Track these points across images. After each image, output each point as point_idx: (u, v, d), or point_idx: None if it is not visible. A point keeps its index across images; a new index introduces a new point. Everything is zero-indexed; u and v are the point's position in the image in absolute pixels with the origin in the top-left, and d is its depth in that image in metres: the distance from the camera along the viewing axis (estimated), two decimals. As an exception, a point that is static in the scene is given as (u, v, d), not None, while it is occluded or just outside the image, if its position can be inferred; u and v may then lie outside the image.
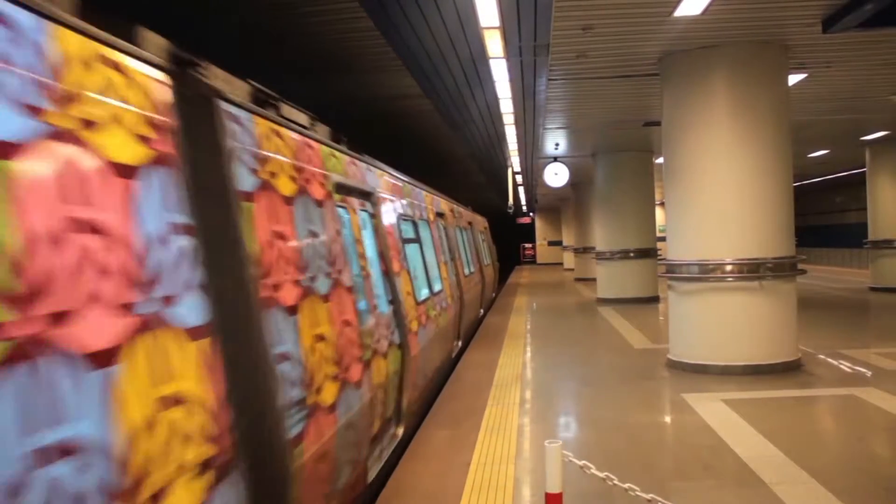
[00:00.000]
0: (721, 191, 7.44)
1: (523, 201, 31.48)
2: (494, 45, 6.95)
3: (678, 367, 7.86)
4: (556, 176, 16.30)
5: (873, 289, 16.33)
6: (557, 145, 14.83)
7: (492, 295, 17.96)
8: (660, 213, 18.33)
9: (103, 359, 1.75)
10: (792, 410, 6.17)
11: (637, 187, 15.80)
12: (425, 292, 7.02)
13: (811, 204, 29.15)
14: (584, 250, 23.62)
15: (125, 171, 2.00)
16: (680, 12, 6.32)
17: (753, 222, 7.38)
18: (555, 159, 16.14)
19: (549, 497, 3.09)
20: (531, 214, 41.77)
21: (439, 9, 6.59)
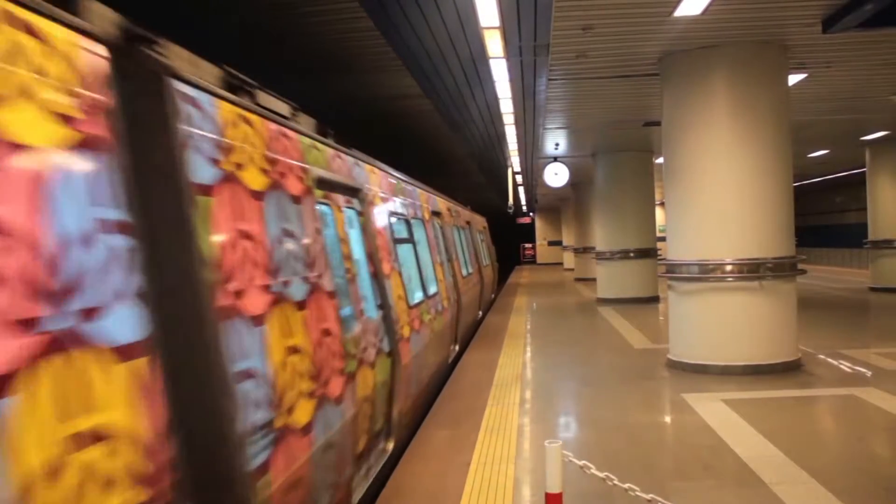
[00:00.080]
0: (721, 191, 7.44)
1: (523, 201, 31.48)
2: (494, 45, 6.95)
3: (678, 367, 7.86)
4: (556, 176, 16.31)
5: (873, 289, 16.34)
6: (557, 145, 14.83)
7: (491, 296, 17.68)
8: (660, 213, 18.33)
9: None
10: (792, 410, 6.17)
11: (637, 187, 15.80)
12: (419, 295, 6.66)
13: (811, 204, 29.14)
14: (584, 250, 23.62)
15: (34, 155, 1.69)
16: (680, 12, 6.32)
17: (753, 222, 7.38)
18: (555, 159, 16.15)
19: (549, 497, 3.09)
20: (531, 214, 41.77)
21: (439, 9, 6.59)
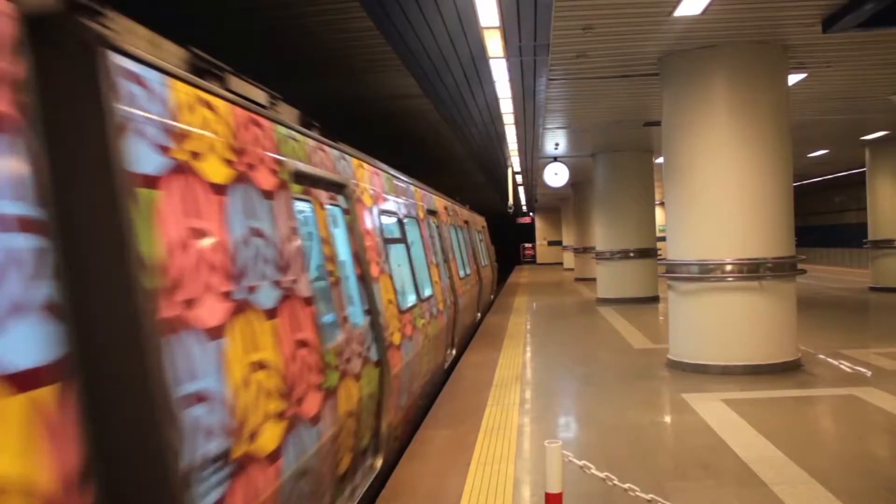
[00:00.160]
0: (721, 191, 7.44)
1: (523, 201, 31.49)
2: (494, 44, 6.95)
3: (678, 367, 7.86)
4: (556, 176, 16.32)
5: (873, 289, 16.34)
6: (557, 145, 14.83)
7: (490, 297, 17.43)
8: (660, 213, 18.33)
9: None
10: (792, 410, 6.17)
11: (637, 187, 15.79)
12: (412, 299, 6.31)
13: (811, 204, 29.15)
14: (584, 250, 23.62)
15: None
16: (680, 12, 6.32)
17: (753, 222, 7.38)
18: (555, 159, 16.15)
19: (549, 497, 3.09)
20: (531, 214, 41.78)
21: (439, 9, 6.60)
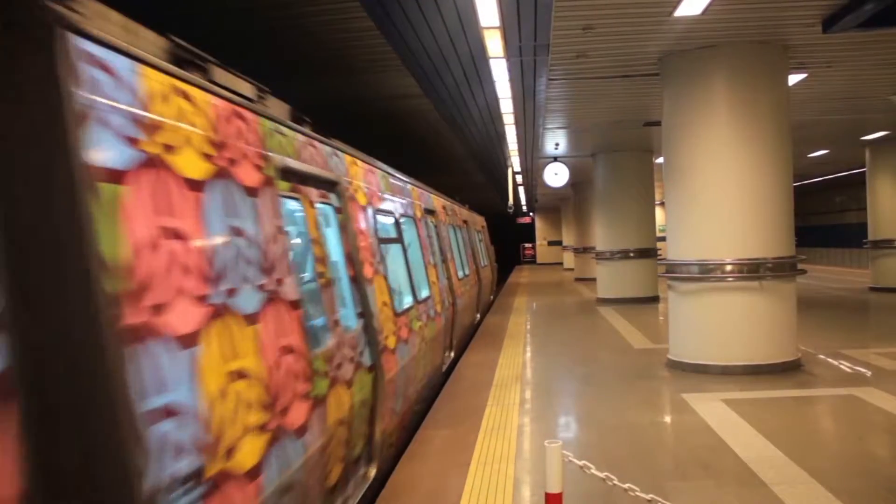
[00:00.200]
0: (721, 191, 7.44)
1: (523, 201, 31.49)
2: (494, 44, 6.95)
3: (678, 367, 7.86)
4: (556, 176, 16.32)
5: (873, 289, 16.34)
6: (557, 145, 14.83)
7: (489, 298, 17.25)
8: (660, 213, 18.33)
9: None
10: (792, 410, 6.17)
11: (637, 187, 15.80)
12: (408, 301, 6.13)
13: (811, 204, 29.15)
14: (584, 250, 23.62)
15: None
16: (680, 12, 6.32)
17: (753, 222, 7.38)
18: (555, 159, 16.16)
19: (549, 497, 3.08)
20: (531, 214, 41.79)
21: (439, 8, 6.60)
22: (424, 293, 7.03)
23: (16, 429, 1.55)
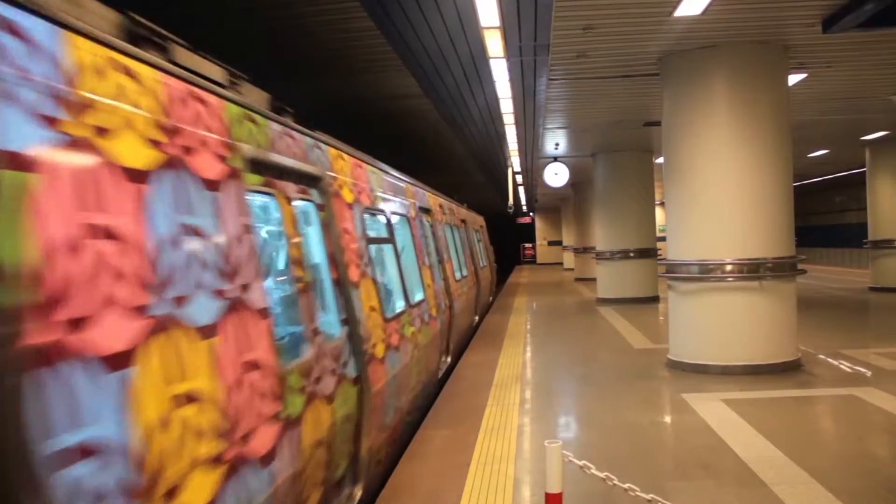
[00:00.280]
0: (721, 191, 7.44)
1: (523, 201, 31.50)
2: (494, 44, 6.95)
3: (678, 367, 7.86)
4: (556, 176, 16.33)
5: (873, 289, 16.34)
6: (557, 145, 14.84)
7: (488, 299, 16.96)
8: (660, 213, 18.33)
9: None
10: (792, 410, 6.17)
11: (637, 187, 15.80)
12: (400, 305, 5.78)
13: (811, 204, 29.16)
14: (584, 250, 23.63)
15: None
16: (680, 12, 6.32)
17: (753, 222, 7.38)
18: (555, 159, 16.16)
19: (549, 497, 3.09)
20: (531, 214, 41.80)
21: (439, 8, 6.60)
22: (418, 296, 6.71)
23: None
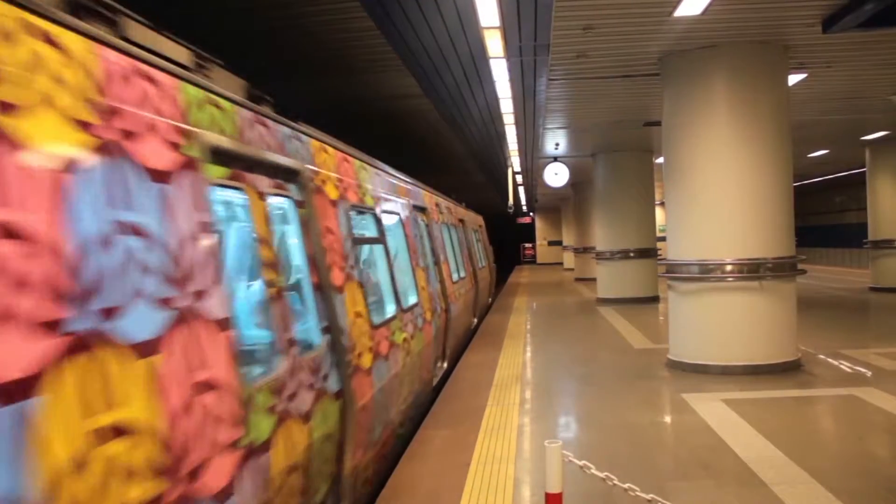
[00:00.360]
0: (721, 191, 7.44)
1: (523, 201, 31.51)
2: (494, 44, 6.96)
3: (678, 367, 7.86)
4: (556, 176, 16.33)
5: (873, 289, 16.34)
6: (557, 145, 14.84)
7: (487, 300, 16.64)
8: (660, 213, 18.34)
9: None
10: (792, 410, 6.17)
11: (637, 187, 15.80)
12: (390, 309, 5.45)
13: (811, 204, 29.16)
14: (584, 250, 23.63)
15: None
16: (680, 12, 6.32)
17: (753, 222, 7.38)
18: (555, 159, 16.16)
19: (549, 497, 3.09)
20: (531, 214, 41.80)
21: (439, 8, 6.60)
22: (411, 300, 6.36)
23: None
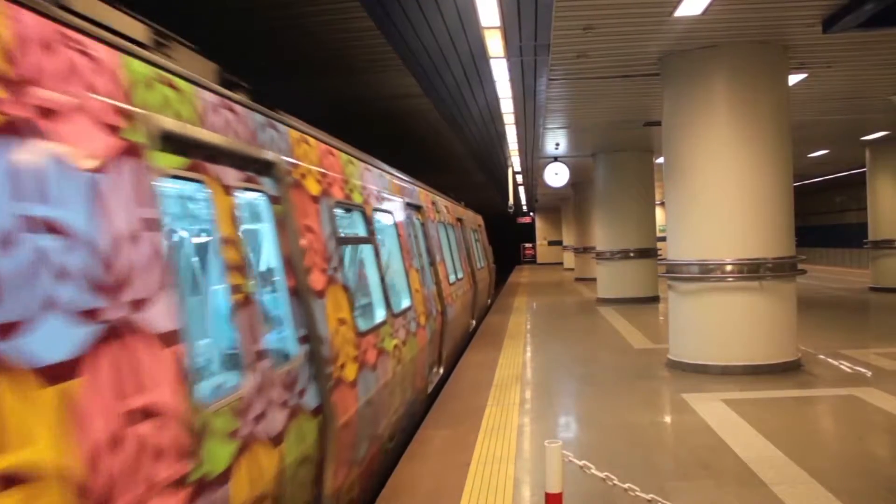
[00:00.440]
0: (721, 191, 7.44)
1: (523, 201, 31.51)
2: (495, 44, 6.96)
3: (678, 367, 7.86)
4: (556, 176, 16.33)
5: (873, 289, 16.34)
6: (557, 145, 14.84)
7: (486, 302, 16.24)
8: (660, 213, 18.34)
9: None
10: (792, 410, 6.17)
11: (637, 187, 15.80)
12: (379, 315, 5.11)
13: (811, 204, 29.16)
14: (584, 250, 23.64)
15: None
16: (680, 12, 6.32)
17: (753, 222, 7.38)
18: (555, 159, 16.17)
19: (549, 497, 3.09)
20: (531, 214, 41.81)
21: (440, 8, 6.61)
22: (404, 303, 6.04)
23: None
